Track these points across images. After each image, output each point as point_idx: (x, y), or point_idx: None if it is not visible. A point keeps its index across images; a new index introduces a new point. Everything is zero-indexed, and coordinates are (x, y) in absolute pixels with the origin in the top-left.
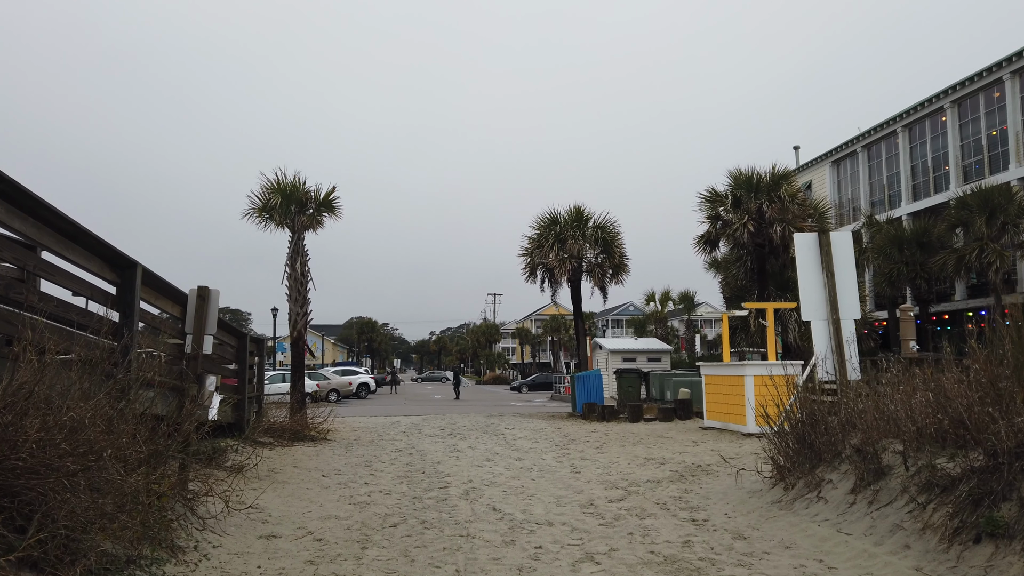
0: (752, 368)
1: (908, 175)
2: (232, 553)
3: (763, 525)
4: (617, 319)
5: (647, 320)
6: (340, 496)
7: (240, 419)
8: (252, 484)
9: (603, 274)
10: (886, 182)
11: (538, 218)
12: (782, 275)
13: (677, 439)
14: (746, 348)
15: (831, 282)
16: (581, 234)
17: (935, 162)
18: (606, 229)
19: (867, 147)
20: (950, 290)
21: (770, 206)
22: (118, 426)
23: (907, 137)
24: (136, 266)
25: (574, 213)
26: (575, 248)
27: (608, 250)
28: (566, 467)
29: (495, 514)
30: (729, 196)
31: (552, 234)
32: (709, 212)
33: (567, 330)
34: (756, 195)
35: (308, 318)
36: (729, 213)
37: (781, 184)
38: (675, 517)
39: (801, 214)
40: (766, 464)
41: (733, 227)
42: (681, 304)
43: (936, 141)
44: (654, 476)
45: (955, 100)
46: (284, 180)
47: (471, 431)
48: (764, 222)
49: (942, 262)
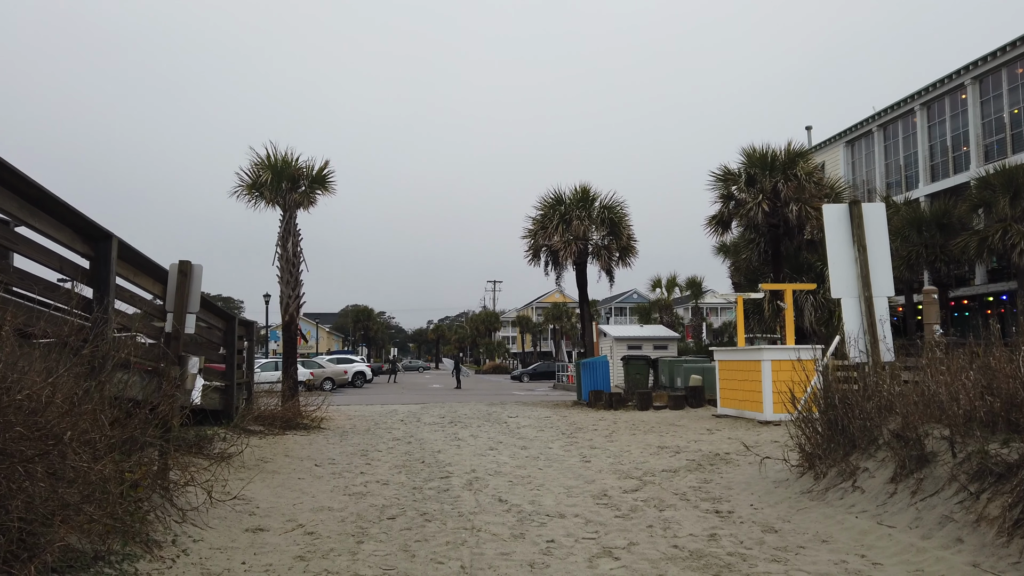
0: (770, 352)
1: (926, 155)
2: (214, 548)
3: (794, 517)
4: (621, 307)
5: (652, 307)
6: (334, 486)
7: (228, 406)
8: (239, 473)
9: (610, 256)
10: (903, 163)
11: (542, 198)
12: (797, 257)
13: (690, 427)
14: (758, 334)
15: (863, 257)
16: (587, 215)
17: (955, 141)
18: (613, 210)
19: (883, 126)
20: (969, 274)
21: (786, 185)
22: (82, 408)
23: (925, 116)
24: (111, 238)
25: (580, 193)
26: (581, 229)
27: (615, 231)
28: (575, 456)
29: (502, 505)
30: (742, 174)
31: (557, 215)
32: (721, 191)
33: (569, 318)
34: (771, 173)
35: (301, 301)
36: (742, 192)
37: (797, 162)
38: (697, 508)
39: (818, 193)
40: (792, 452)
41: (747, 206)
42: (688, 291)
43: (956, 119)
44: (670, 465)
45: (976, 77)
46: (275, 156)
47: (472, 419)
48: (779, 201)
49: (963, 244)
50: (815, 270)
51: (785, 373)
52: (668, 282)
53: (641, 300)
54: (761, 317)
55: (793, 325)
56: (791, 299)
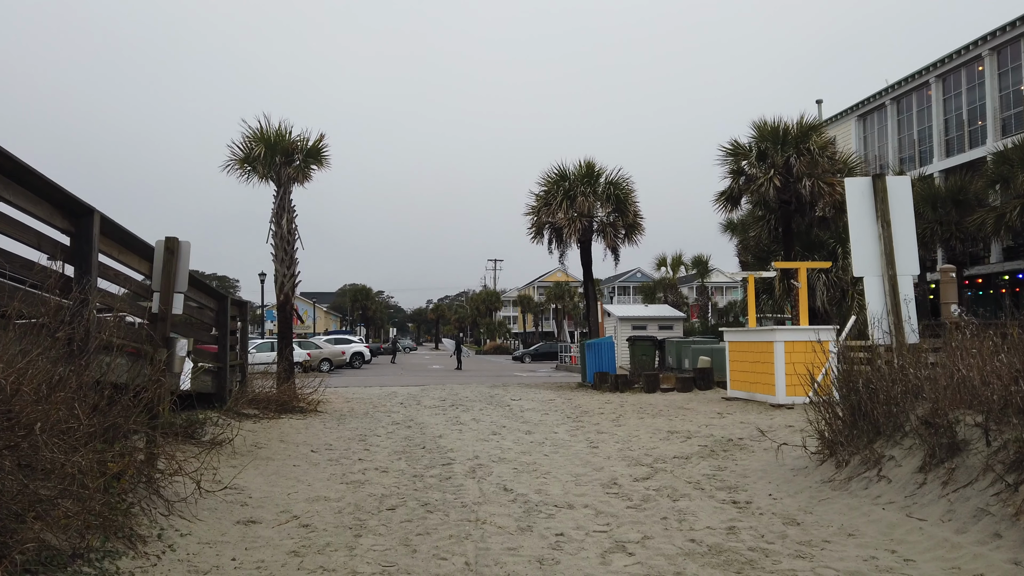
0: (783, 333)
1: (941, 129)
2: (203, 542)
3: (816, 508)
4: (624, 286)
5: (656, 287)
6: (331, 474)
7: (221, 389)
8: (231, 461)
9: (615, 234)
10: (917, 137)
11: (545, 173)
12: (809, 235)
13: (700, 410)
14: (768, 313)
15: (887, 233)
16: (592, 191)
17: (971, 115)
18: (619, 186)
19: (896, 100)
20: (983, 252)
21: (798, 159)
22: (56, 396)
23: (940, 88)
24: (93, 213)
25: (584, 168)
26: (585, 206)
27: (621, 208)
28: (581, 441)
29: (506, 495)
30: (753, 149)
31: (561, 191)
32: (731, 166)
33: (571, 297)
34: (783, 147)
35: (296, 280)
36: (753, 167)
37: (810, 135)
38: (712, 499)
39: (831, 168)
40: (810, 438)
41: (758, 182)
42: (694, 269)
43: (972, 92)
44: (681, 451)
45: (994, 48)
46: (267, 128)
47: (474, 402)
48: (791, 177)
49: (979, 221)
50: (827, 248)
51: (799, 355)
52: (674, 260)
53: (645, 279)
54: (771, 296)
55: (807, 305)
56: (805, 278)
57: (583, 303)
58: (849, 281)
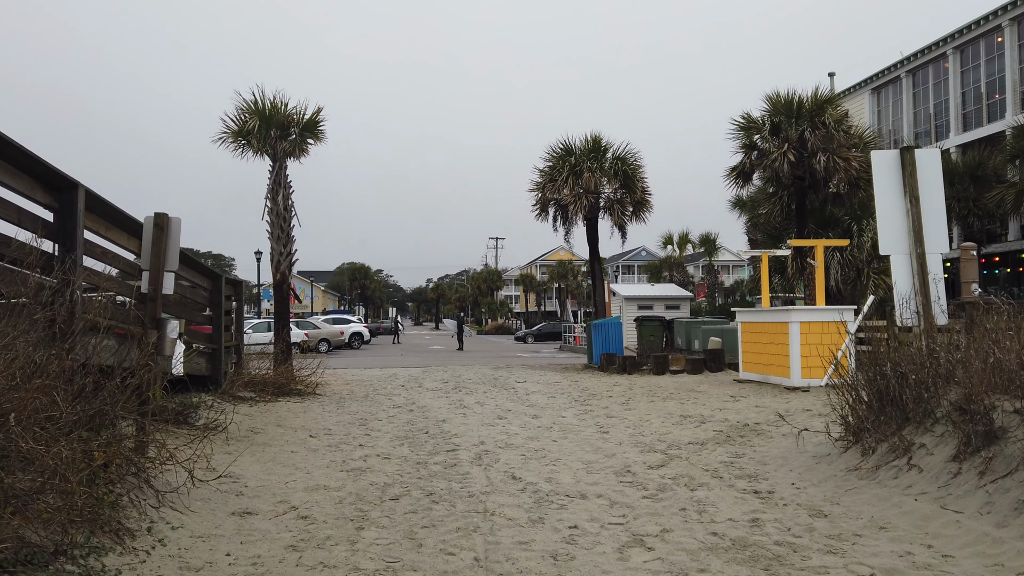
0: (798, 314)
1: (958, 103)
2: (196, 536)
3: (843, 498)
4: (628, 264)
5: (662, 265)
6: (330, 461)
7: (215, 371)
8: (226, 447)
9: (623, 211)
10: (933, 111)
11: (550, 148)
12: (823, 211)
13: (712, 394)
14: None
15: (915, 209)
16: (599, 166)
17: (989, 88)
18: (626, 161)
19: (912, 72)
20: (1000, 230)
21: (813, 133)
22: (33, 383)
23: (958, 60)
24: (77, 187)
25: (591, 143)
26: (592, 182)
27: (628, 184)
28: (590, 426)
29: (515, 483)
30: (766, 123)
31: (566, 166)
32: (743, 141)
33: (575, 276)
34: (797, 121)
35: (293, 258)
36: (766, 142)
37: (825, 108)
38: (732, 488)
39: (847, 143)
40: (832, 423)
41: (771, 157)
42: (701, 248)
43: (991, 64)
44: (696, 437)
45: (1014, 18)
46: (262, 100)
47: (478, 385)
48: (806, 151)
49: (999, 197)
50: (842, 226)
51: (815, 336)
52: (681, 238)
53: (650, 258)
54: (783, 275)
55: (824, 284)
56: (822, 256)
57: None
58: (864, 260)
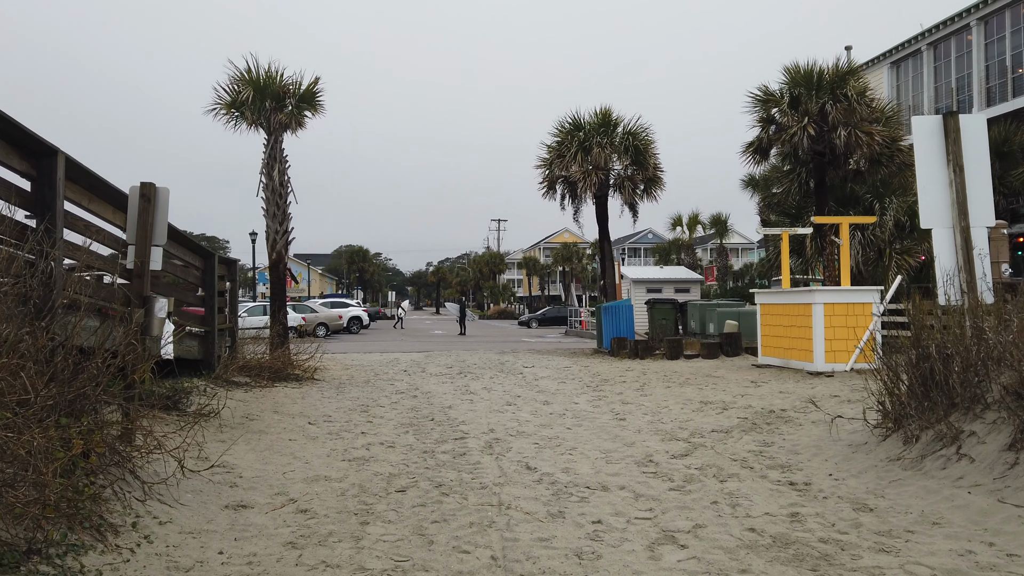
0: (822, 295)
1: (982, 76)
2: (185, 532)
3: (888, 491)
4: (635, 247)
5: (671, 248)
6: (331, 449)
7: (208, 355)
8: (220, 434)
9: (634, 188)
10: (955, 85)
11: (558, 123)
12: (843, 189)
13: (730, 379)
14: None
15: (959, 179)
16: (609, 142)
17: (1015, 60)
18: (638, 136)
19: (933, 45)
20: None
21: (834, 106)
22: None
23: (982, 32)
24: (57, 154)
25: (600, 117)
26: (602, 158)
27: (640, 161)
28: (606, 413)
29: (530, 474)
30: (785, 96)
31: (575, 142)
32: (761, 114)
33: (580, 259)
34: (817, 94)
35: (289, 237)
36: (785, 115)
37: (847, 80)
38: (765, 479)
39: (869, 116)
40: (869, 410)
41: (790, 131)
42: (712, 229)
43: (1017, 35)
44: (719, 424)
45: None
46: (256, 70)
47: (484, 370)
48: (826, 126)
49: None
50: (863, 203)
51: (839, 318)
52: (690, 220)
53: (657, 240)
54: (801, 256)
55: (849, 264)
56: (847, 234)
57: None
58: (886, 240)
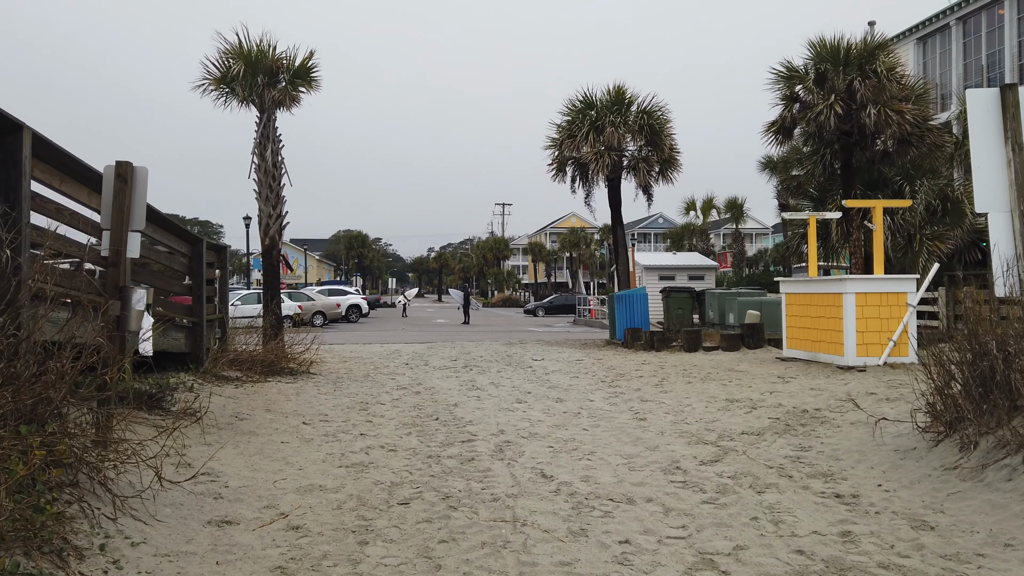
0: (853, 284)
1: (1014, 52)
2: (161, 554)
3: (947, 505)
4: (645, 232)
5: (683, 233)
6: (327, 454)
7: (196, 348)
8: (206, 437)
9: (648, 170)
10: (986, 62)
11: (568, 101)
12: (870, 171)
13: (755, 374)
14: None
15: (1019, 158)
16: (622, 121)
17: None
18: (653, 115)
19: (962, 20)
20: None
21: (863, 83)
22: None
23: (1014, 6)
24: (22, 129)
25: (613, 95)
26: (615, 138)
27: (655, 141)
28: (624, 412)
29: (546, 483)
30: (810, 72)
31: (587, 121)
32: (784, 92)
33: (588, 245)
34: (845, 70)
35: (284, 221)
36: (810, 92)
37: (876, 55)
38: (807, 490)
39: (899, 94)
40: (916, 411)
41: (815, 109)
42: (727, 214)
43: None
44: (749, 425)
45: None
46: (247, 43)
47: (491, 363)
48: (854, 103)
49: None
50: (892, 186)
51: (872, 308)
52: (705, 204)
53: (668, 225)
54: (826, 242)
55: (883, 250)
56: (881, 218)
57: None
58: (917, 225)
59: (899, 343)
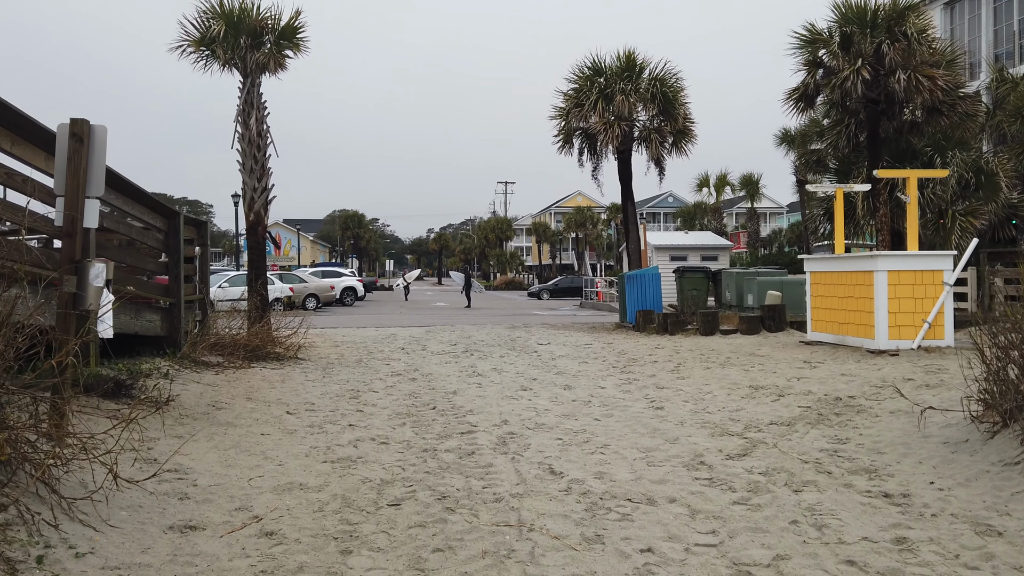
0: (885, 261)
1: None
2: (110, 567)
3: (1013, 507)
4: (654, 211)
5: (695, 212)
6: (311, 447)
7: (173, 331)
8: (178, 428)
9: (661, 141)
10: (1018, 28)
11: (576, 68)
12: (898, 142)
13: (779, 358)
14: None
15: None
16: (633, 88)
17: None
18: (665, 83)
19: None
20: None
21: (892, 46)
22: None
23: None
24: None
25: (624, 61)
26: (625, 107)
27: (668, 111)
28: (639, 400)
29: (555, 481)
30: (835, 34)
31: (595, 89)
32: (807, 57)
33: (594, 225)
34: (872, 32)
35: (269, 195)
36: (835, 57)
37: (907, 16)
38: (851, 488)
39: (930, 59)
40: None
41: (841, 75)
42: (742, 191)
43: None
44: (777, 415)
45: None
46: (230, 1)
47: (493, 348)
48: (883, 69)
49: None
50: (921, 158)
51: (905, 288)
52: (719, 180)
53: (678, 204)
54: (851, 218)
55: (917, 224)
56: (915, 190)
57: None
58: (948, 200)
59: (934, 325)
